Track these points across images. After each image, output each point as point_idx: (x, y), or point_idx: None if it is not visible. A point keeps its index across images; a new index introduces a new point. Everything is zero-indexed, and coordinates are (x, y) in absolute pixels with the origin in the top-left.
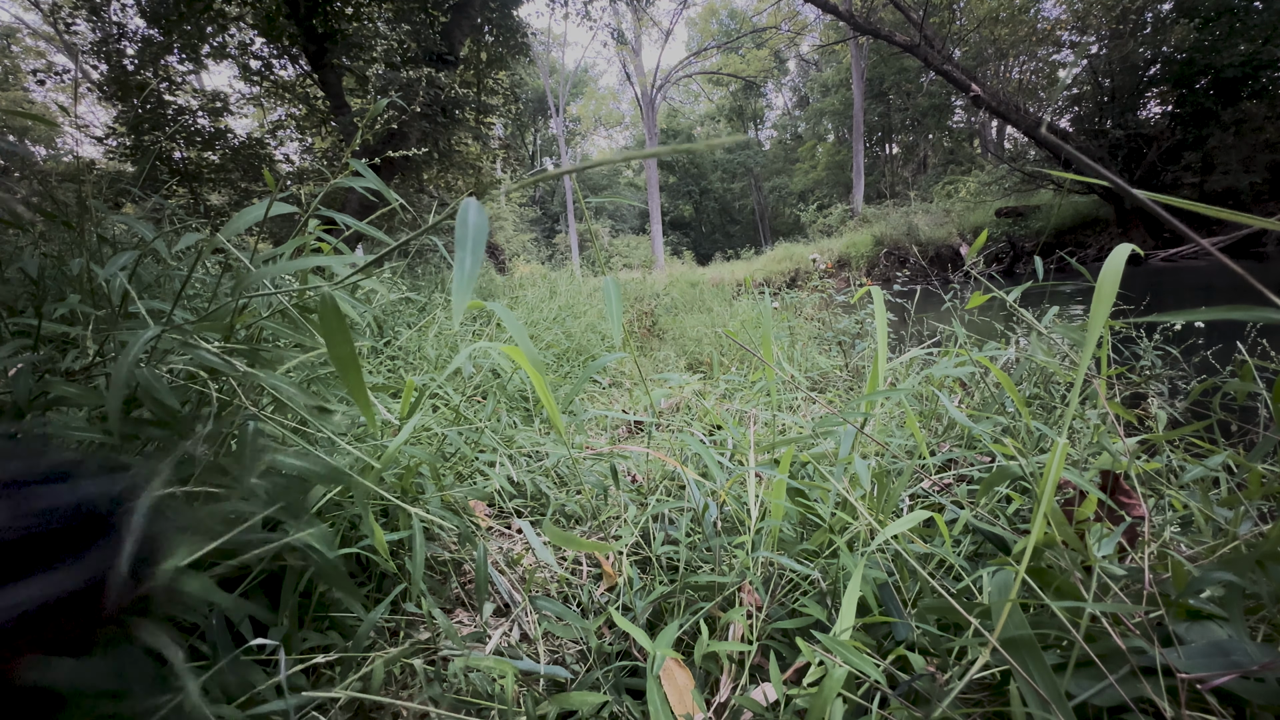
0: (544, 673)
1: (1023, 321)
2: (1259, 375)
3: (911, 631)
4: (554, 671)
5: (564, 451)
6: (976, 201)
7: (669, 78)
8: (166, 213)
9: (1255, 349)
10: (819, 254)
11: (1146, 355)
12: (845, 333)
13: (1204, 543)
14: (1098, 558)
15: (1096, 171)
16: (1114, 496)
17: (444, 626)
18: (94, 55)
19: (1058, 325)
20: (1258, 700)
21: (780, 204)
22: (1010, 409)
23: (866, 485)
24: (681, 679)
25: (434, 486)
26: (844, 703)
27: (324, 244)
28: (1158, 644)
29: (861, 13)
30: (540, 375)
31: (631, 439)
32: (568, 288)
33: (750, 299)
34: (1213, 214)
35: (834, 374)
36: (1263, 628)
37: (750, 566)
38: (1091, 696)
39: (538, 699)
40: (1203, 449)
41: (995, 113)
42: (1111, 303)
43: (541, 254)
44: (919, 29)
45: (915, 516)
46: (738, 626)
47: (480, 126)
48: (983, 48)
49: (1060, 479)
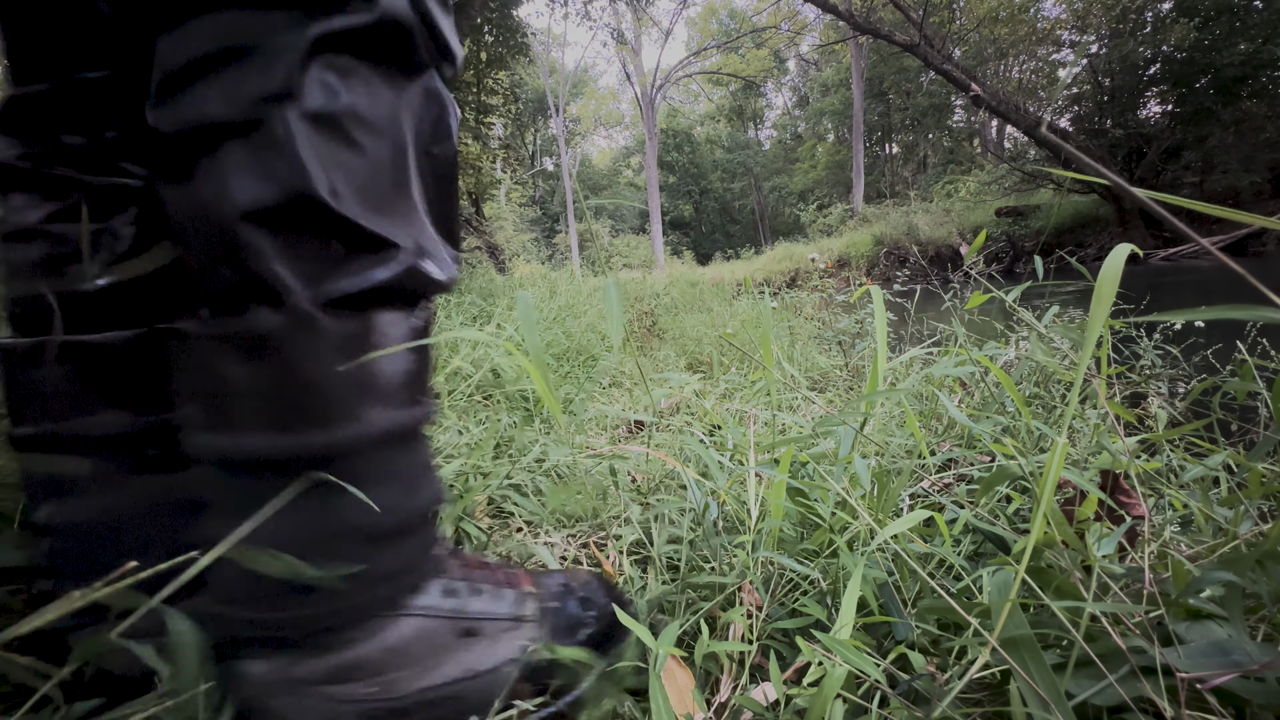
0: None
1: (1023, 321)
2: (1259, 374)
3: (911, 631)
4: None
5: (564, 451)
6: (976, 201)
7: (669, 78)
8: None
9: (1255, 348)
10: (819, 254)
11: (1146, 355)
12: (845, 332)
13: (1204, 542)
14: (1098, 557)
15: (1096, 171)
16: (1114, 496)
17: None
18: None
19: (1058, 325)
20: (1258, 700)
21: (780, 204)
22: (1010, 409)
23: (867, 485)
24: (682, 679)
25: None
26: (844, 702)
27: None
28: (1157, 643)
29: (861, 12)
30: (542, 372)
31: (632, 439)
32: (568, 288)
33: (750, 299)
34: (1213, 212)
35: (834, 374)
36: (1263, 627)
37: (751, 566)
38: (1091, 696)
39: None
40: (1203, 449)
41: (995, 112)
42: (1111, 302)
43: (541, 254)
44: (919, 28)
45: (915, 516)
46: (738, 626)
47: (480, 126)
48: (982, 47)
49: (1060, 478)
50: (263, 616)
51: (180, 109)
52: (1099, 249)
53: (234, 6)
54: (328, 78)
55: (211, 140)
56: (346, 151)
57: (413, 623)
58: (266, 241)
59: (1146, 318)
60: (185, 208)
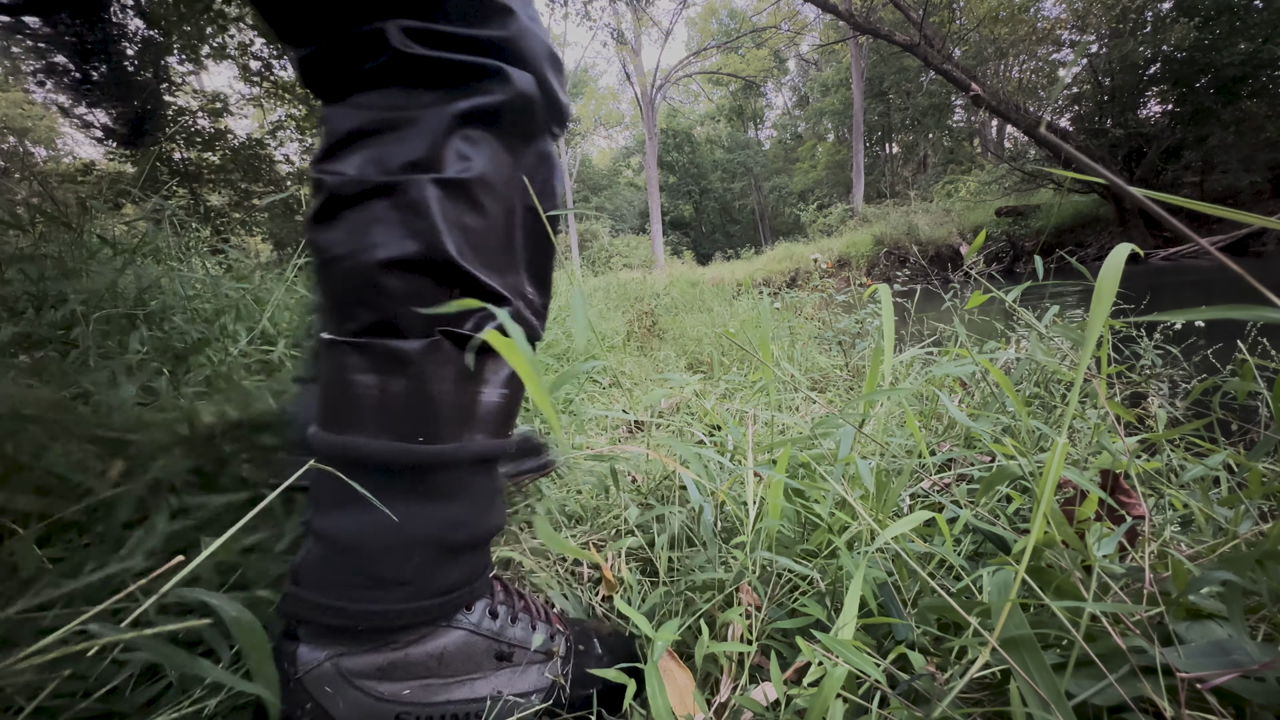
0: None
1: (1023, 321)
2: (1259, 374)
3: (912, 631)
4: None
5: (563, 453)
6: (976, 201)
7: (669, 78)
8: (167, 214)
9: (1255, 348)
10: (820, 254)
11: (1147, 355)
12: (845, 332)
13: (1204, 542)
14: (1098, 557)
15: (1096, 170)
16: (1114, 496)
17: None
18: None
19: (1058, 325)
20: (1258, 700)
21: (780, 204)
22: (1011, 409)
23: (869, 485)
24: (682, 679)
25: None
26: (844, 702)
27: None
28: (1158, 643)
29: (861, 12)
30: (534, 375)
31: (632, 439)
32: (568, 288)
33: (750, 299)
34: (1212, 212)
35: (834, 373)
36: (1263, 627)
37: (749, 566)
38: (1091, 696)
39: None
40: (1203, 448)
41: (995, 112)
42: (1111, 302)
43: None
44: (919, 28)
45: (916, 517)
46: (737, 626)
47: None
48: (982, 47)
49: (1060, 478)
50: (334, 604)
51: (337, 169)
52: (1099, 249)
53: (393, 85)
54: (463, 148)
55: (359, 197)
56: (471, 214)
57: (458, 636)
58: (400, 287)
59: (1147, 317)
60: (330, 249)
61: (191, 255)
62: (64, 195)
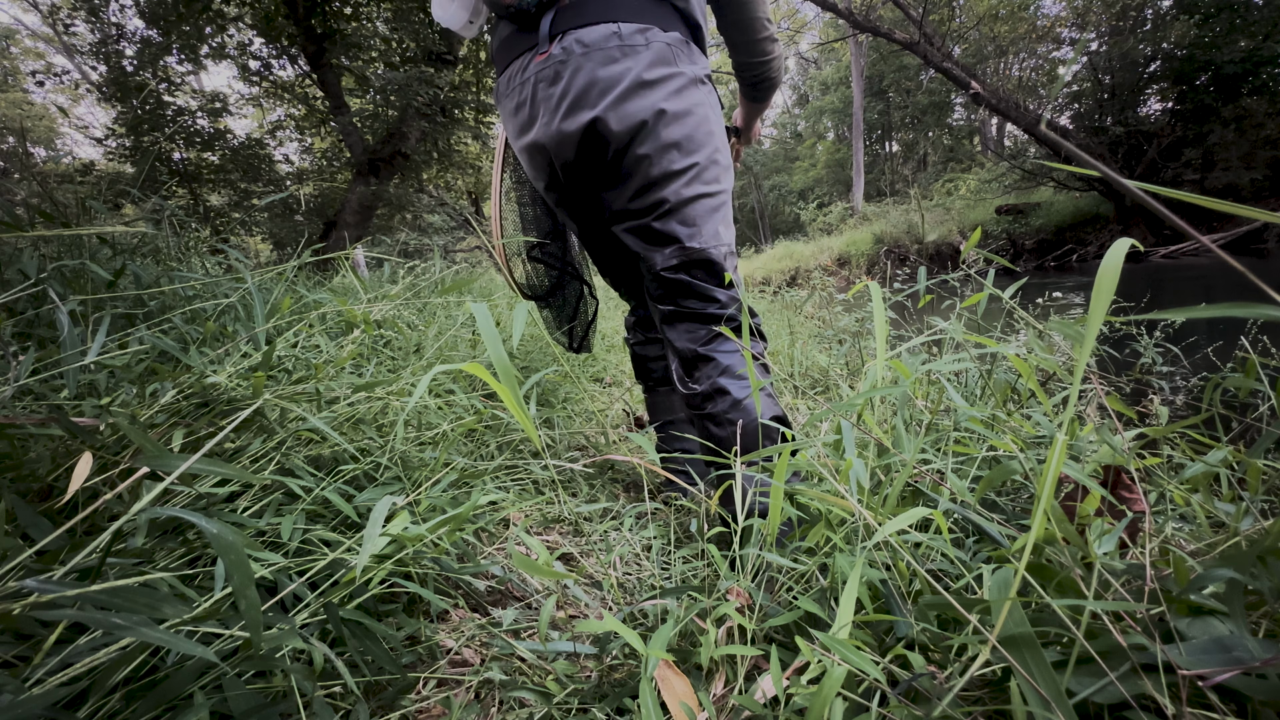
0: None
1: (1022, 319)
2: (1261, 371)
3: (911, 629)
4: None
5: (556, 462)
6: (977, 199)
7: None
8: (166, 214)
9: (1256, 345)
10: (820, 253)
11: (1147, 352)
12: (845, 330)
13: (1205, 538)
14: (1098, 554)
15: (1096, 168)
16: (1115, 492)
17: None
18: (93, 56)
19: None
20: (1259, 696)
21: (780, 202)
22: (1011, 409)
23: (866, 483)
24: (680, 687)
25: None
26: (844, 701)
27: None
28: (1159, 640)
29: (861, 10)
30: (511, 391)
31: (630, 441)
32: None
33: (750, 298)
34: (1212, 206)
35: (833, 371)
36: (1264, 623)
37: (745, 564)
38: (1092, 694)
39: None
40: (1205, 445)
41: (995, 110)
42: (1110, 299)
43: None
44: (918, 26)
45: (914, 514)
46: (731, 626)
47: (480, 126)
48: (982, 45)
49: (1060, 475)
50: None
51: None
52: (1100, 246)
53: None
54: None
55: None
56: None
57: None
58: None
59: (1147, 315)
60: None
61: (191, 255)
62: (64, 196)
